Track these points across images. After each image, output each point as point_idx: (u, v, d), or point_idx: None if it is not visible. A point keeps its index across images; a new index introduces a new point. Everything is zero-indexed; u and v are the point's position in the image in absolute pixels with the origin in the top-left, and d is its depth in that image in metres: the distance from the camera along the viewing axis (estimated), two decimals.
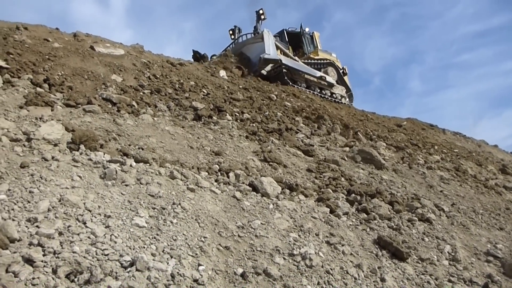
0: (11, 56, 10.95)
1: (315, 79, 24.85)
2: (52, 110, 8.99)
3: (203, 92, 14.70)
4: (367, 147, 14.18)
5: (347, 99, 27.58)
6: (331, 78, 26.33)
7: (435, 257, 8.08)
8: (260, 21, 25.26)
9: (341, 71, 28.45)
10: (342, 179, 10.95)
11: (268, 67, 23.12)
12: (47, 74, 10.80)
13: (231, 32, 27.39)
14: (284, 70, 22.51)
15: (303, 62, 25.28)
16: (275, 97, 17.60)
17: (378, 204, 9.65)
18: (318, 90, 24.61)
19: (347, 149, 13.98)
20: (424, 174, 13.83)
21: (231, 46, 26.05)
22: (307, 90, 23.41)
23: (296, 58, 25.29)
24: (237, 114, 13.59)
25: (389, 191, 11.07)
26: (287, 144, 12.42)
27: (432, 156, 16.98)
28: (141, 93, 12.37)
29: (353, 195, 9.84)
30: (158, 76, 14.42)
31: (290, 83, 22.36)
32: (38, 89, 9.81)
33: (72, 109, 9.46)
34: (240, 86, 17.74)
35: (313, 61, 26.54)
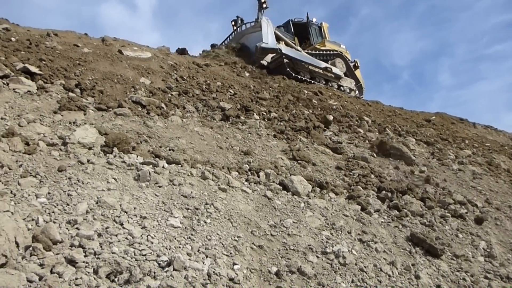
0: (44, 62, 11.25)
1: (320, 70, 23.90)
2: (84, 114, 9.20)
3: (230, 92, 14.79)
4: (396, 143, 13.98)
5: (357, 92, 26.69)
6: (339, 70, 25.33)
7: (470, 253, 7.95)
8: (262, 10, 24.27)
9: (351, 64, 27.58)
10: (372, 176, 10.86)
11: (269, 58, 22.54)
12: (78, 79, 11.06)
13: (233, 22, 26.74)
14: (285, 61, 21.73)
15: (309, 53, 24.42)
16: (302, 95, 17.52)
17: (410, 201, 9.55)
18: (324, 82, 23.78)
19: (375, 145, 13.82)
20: (455, 169, 13.57)
21: (230, 36, 25.55)
22: (312, 81, 22.65)
23: (299, 48, 24.50)
24: (264, 113, 13.63)
25: (421, 187, 10.90)
26: (315, 142, 12.39)
27: (463, 151, 16.64)
28: (169, 95, 12.53)
29: (384, 192, 9.76)
30: (185, 78, 14.58)
31: (293, 74, 21.60)
32: (70, 94, 10.05)
33: (103, 113, 9.66)
34: (267, 86, 17.78)
35: (319, 52, 25.68)
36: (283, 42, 23.62)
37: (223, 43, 25.27)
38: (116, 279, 4.36)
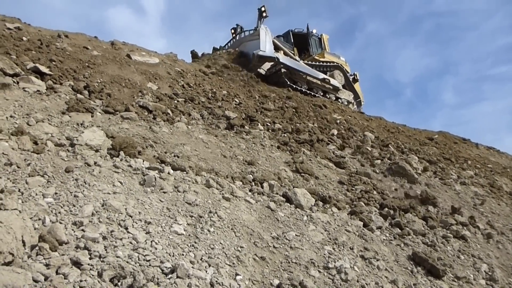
0: (54, 63, 11.35)
1: (318, 81, 23.82)
2: (92, 116, 9.26)
3: (235, 101, 14.87)
4: (399, 160, 14.00)
5: (355, 105, 26.67)
6: (337, 82, 25.27)
7: (472, 276, 7.93)
8: (262, 18, 23.93)
9: (351, 77, 27.63)
10: (374, 192, 10.88)
11: (266, 67, 22.46)
12: (87, 81, 11.14)
13: (233, 30, 26.76)
14: (283, 70, 21.63)
15: (308, 64, 24.36)
16: (306, 108, 17.59)
17: (412, 219, 9.57)
18: (322, 93, 23.71)
19: (378, 161, 13.86)
20: (458, 189, 13.58)
21: (228, 44, 25.53)
22: (310, 92, 22.54)
23: (297, 58, 24.44)
24: (269, 124, 13.69)
25: (423, 206, 10.91)
26: (319, 155, 12.42)
27: (465, 171, 16.65)
28: (176, 101, 12.60)
29: (386, 209, 9.77)
30: (191, 85, 14.68)
31: (289, 83, 21.50)
32: (79, 95, 10.12)
33: (110, 116, 9.72)
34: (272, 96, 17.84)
35: (318, 63, 25.68)
36: (282, 51, 23.61)
37: (222, 50, 25.19)
38: (119, 283, 4.36)
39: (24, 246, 4.25)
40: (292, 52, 25.28)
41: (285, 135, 13.22)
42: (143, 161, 7.63)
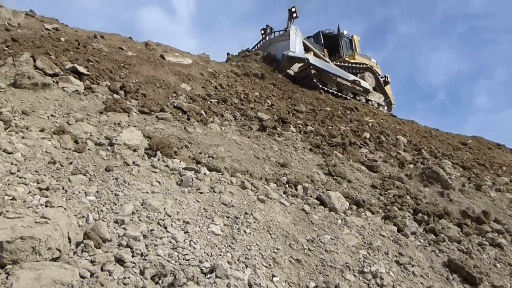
0: (91, 63, 11.61)
1: (348, 83, 23.19)
2: (128, 116, 9.43)
3: (267, 103, 14.89)
4: (433, 165, 13.75)
5: (385, 108, 26.05)
6: (367, 84, 24.66)
7: (509, 285, 7.73)
8: (292, 19, 23.42)
9: (382, 79, 27.01)
10: (408, 197, 10.72)
11: (296, 68, 22.07)
12: (123, 82, 11.35)
13: (262, 31, 26.56)
14: (312, 71, 21.16)
15: (338, 65, 23.88)
16: (338, 111, 17.48)
17: (447, 226, 9.37)
18: (352, 95, 23.10)
19: (411, 166, 13.65)
20: (493, 196, 13.24)
21: (258, 44, 25.36)
22: (339, 94, 22.05)
23: (327, 59, 23.99)
24: (301, 126, 13.65)
25: (458, 212, 10.69)
26: (351, 158, 12.31)
27: (500, 177, 16.20)
28: (209, 102, 12.70)
29: (420, 214, 9.61)
30: (224, 86, 14.77)
31: (318, 85, 21.04)
32: (115, 95, 10.33)
33: (146, 116, 9.87)
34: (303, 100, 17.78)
35: (348, 64, 25.17)
36: (312, 52, 23.37)
37: (252, 50, 25.01)
38: (160, 281, 4.42)
39: (69, 243, 4.37)
40: (322, 53, 24.97)
41: (317, 137, 13.15)
42: (180, 161, 7.73)
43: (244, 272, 5.14)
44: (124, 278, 4.15)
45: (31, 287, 3.57)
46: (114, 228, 5.06)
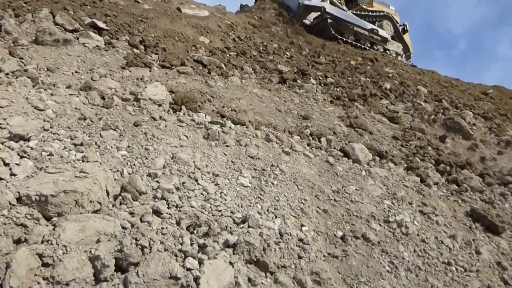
0: (109, 18, 11.51)
1: (366, 32, 22.51)
2: (150, 71, 9.43)
3: (287, 55, 14.71)
4: (454, 115, 13.60)
5: (403, 57, 25.30)
6: (386, 33, 23.87)
7: None
8: None
9: (400, 27, 25.98)
10: (429, 148, 10.70)
11: (312, 18, 21.42)
12: (142, 36, 11.27)
13: None
14: (329, 21, 20.54)
15: (355, 14, 22.97)
16: (357, 61, 17.19)
17: (469, 176, 9.40)
18: (369, 45, 22.49)
19: (432, 117, 13.52)
20: None
21: None
22: (357, 43, 21.43)
23: (344, 8, 23.08)
24: (321, 78, 13.52)
25: (480, 164, 10.68)
26: (372, 110, 12.24)
27: None
28: (228, 55, 12.60)
29: (442, 165, 9.63)
30: (242, 38, 14.59)
31: (338, 37, 20.45)
32: (135, 50, 10.29)
33: (167, 70, 9.86)
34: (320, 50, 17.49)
35: (366, 12, 24.16)
36: (328, 1, 22.46)
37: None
38: (195, 231, 4.59)
39: (108, 196, 4.52)
40: (339, 1, 24.25)
41: (338, 89, 13.03)
42: (205, 115, 7.80)
43: (274, 222, 5.30)
44: (162, 228, 4.31)
45: (77, 237, 3.76)
46: (148, 181, 5.21)
